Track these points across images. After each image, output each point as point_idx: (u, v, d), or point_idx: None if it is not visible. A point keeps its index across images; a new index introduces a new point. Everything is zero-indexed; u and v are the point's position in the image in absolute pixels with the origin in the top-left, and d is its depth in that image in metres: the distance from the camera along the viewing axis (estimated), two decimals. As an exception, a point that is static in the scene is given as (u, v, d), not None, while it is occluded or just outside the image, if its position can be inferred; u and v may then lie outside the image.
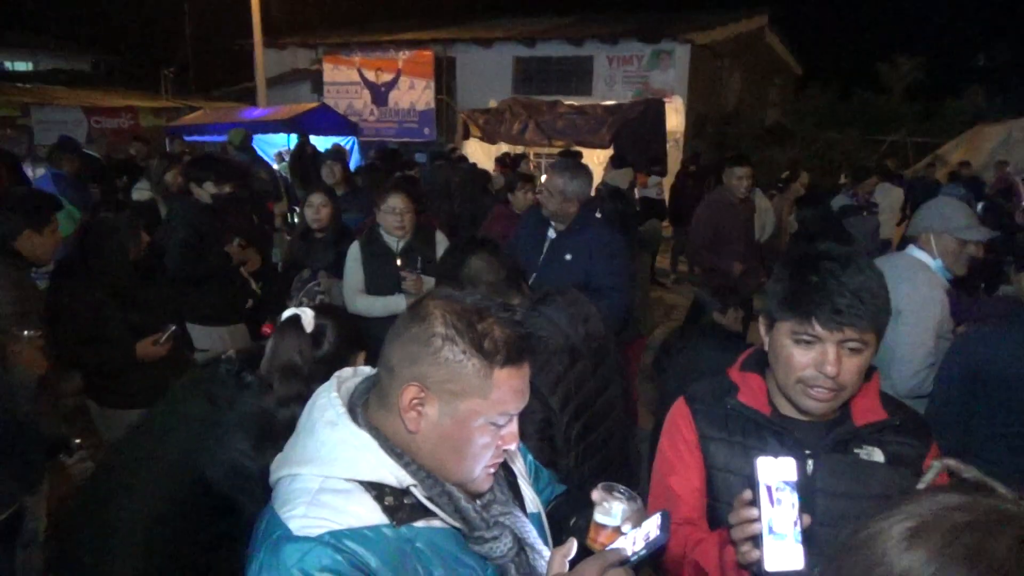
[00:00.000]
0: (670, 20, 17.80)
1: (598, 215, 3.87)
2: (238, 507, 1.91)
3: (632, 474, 2.39)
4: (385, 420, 1.17)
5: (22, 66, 25.64)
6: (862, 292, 1.37)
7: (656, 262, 9.68)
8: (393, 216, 3.80)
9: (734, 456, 1.54)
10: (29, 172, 8.92)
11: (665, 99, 15.05)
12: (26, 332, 2.45)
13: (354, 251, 3.89)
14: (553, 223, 3.75)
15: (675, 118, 15.51)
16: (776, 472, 1.22)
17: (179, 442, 2.12)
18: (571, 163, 3.95)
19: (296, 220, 6.49)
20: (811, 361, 1.41)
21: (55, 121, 15.03)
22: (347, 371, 1.31)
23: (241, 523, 1.92)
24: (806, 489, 1.36)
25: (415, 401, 1.13)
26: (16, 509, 2.44)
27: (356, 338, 2.01)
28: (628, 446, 2.38)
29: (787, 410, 1.53)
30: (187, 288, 4.12)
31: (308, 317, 1.89)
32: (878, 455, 1.48)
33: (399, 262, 3.82)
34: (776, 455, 1.24)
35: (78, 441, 2.71)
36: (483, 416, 1.14)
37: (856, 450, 1.48)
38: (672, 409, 1.68)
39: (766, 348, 1.52)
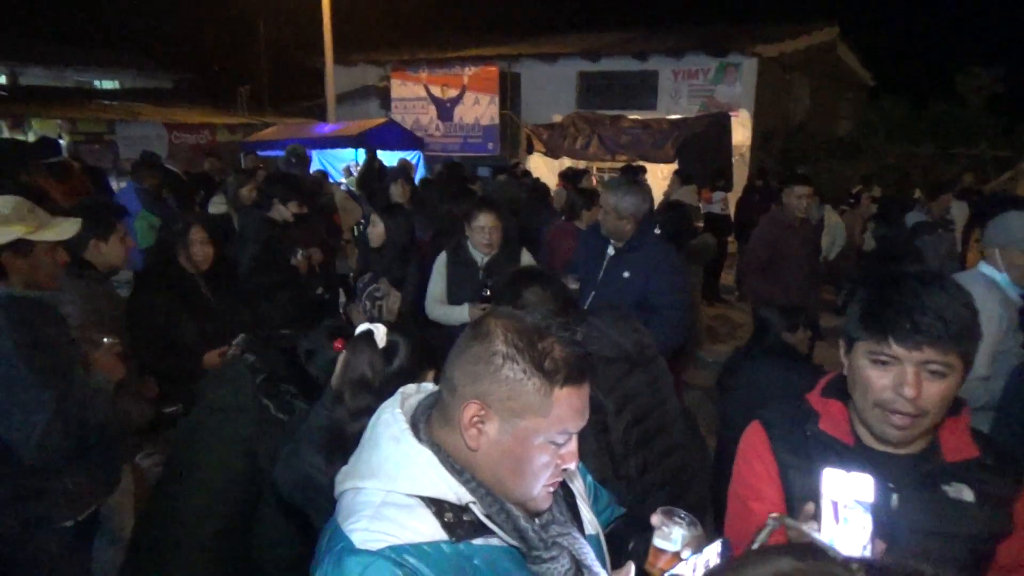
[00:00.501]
0: (736, 33, 17.54)
1: (657, 231, 3.86)
2: (307, 517, 1.96)
3: (701, 492, 2.36)
4: (447, 437, 1.18)
5: (109, 84, 26.97)
6: (945, 311, 1.31)
7: (721, 279, 9.52)
8: (481, 233, 3.89)
9: (814, 485, 1.47)
10: (114, 185, 9.37)
11: (731, 113, 14.83)
12: (105, 339, 2.56)
13: (441, 262, 4.03)
14: (611, 240, 3.75)
15: (741, 132, 15.25)
16: (846, 488, 1.18)
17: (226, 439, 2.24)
18: (624, 180, 3.97)
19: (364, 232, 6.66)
20: (889, 383, 1.35)
21: (138, 137, 15.76)
22: (411, 387, 1.33)
23: (313, 533, 1.98)
24: (890, 525, 1.32)
25: (476, 419, 1.14)
26: (93, 510, 2.55)
27: (427, 355, 2.04)
28: (692, 461, 2.34)
29: (871, 441, 1.46)
30: (259, 299, 4.27)
31: (381, 333, 1.93)
32: (967, 493, 1.40)
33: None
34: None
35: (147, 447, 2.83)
36: (543, 434, 1.14)
37: (944, 487, 1.41)
38: (747, 432, 1.64)
39: (846, 372, 1.46)
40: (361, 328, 1.93)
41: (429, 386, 1.35)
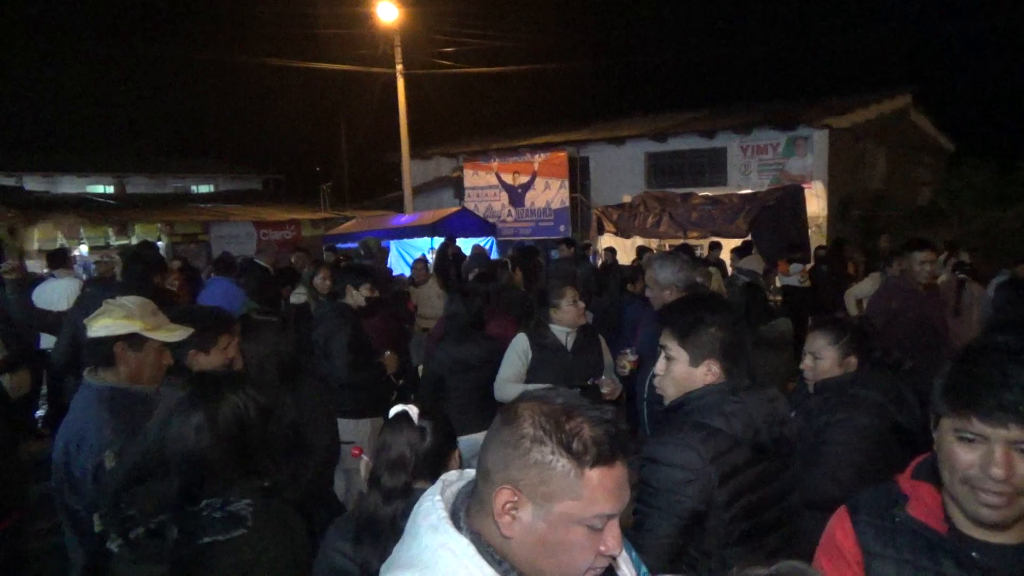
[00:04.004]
0: (804, 106, 17.53)
1: None
2: None
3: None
4: (484, 525, 1.16)
5: (204, 189, 28.96)
6: None
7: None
8: (573, 308, 3.99)
9: None
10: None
11: (804, 185, 14.67)
12: None
13: (521, 344, 4.06)
14: None
15: (816, 203, 15.03)
16: None
17: None
18: (662, 253, 4.02)
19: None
20: (976, 460, 1.26)
21: (230, 235, 16.74)
22: (453, 474, 1.31)
23: None
24: None
25: (508, 505, 1.12)
26: None
27: (452, 435, 2.12)
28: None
29: (966, 527, 1.35)
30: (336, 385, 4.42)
31: (415, 413, 2.02)
32: None
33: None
34: None
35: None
36: (578, 518, 1.11)
37: None
38: (832, 521, 1.55)
39: (935, 449, 1.37)
40: (396, 409, 2.00)
41: (471, 473, 1.31)
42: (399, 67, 18.76)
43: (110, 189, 26.32)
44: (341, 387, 4.41)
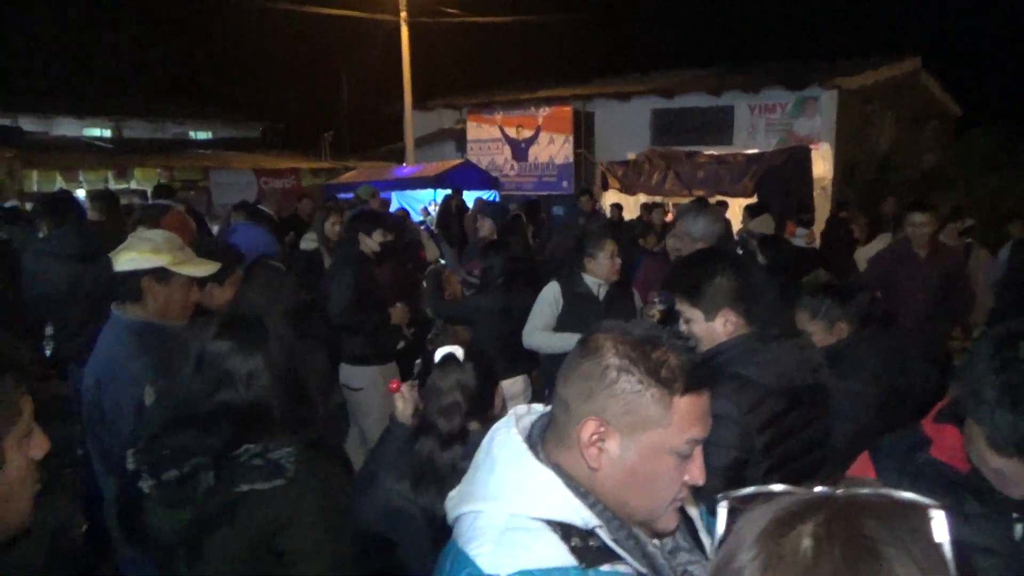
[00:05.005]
0: (815, 67, 17.29)
1: (762, 261, 3.85)
2: (391, 545, 2.01)
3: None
4: (565, 458, 1.14)
5: (203, 135, 28.61)
6: None
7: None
8: (610, 261, 3.97)
9: None
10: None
11: (811, 146, 14.56)
12: None
13: (552, 292, 4.05)
14: None
15: (822, 165, 14.93)
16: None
17: None
18: (695, 205, 4.01)
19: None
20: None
21: (230, 183, 16.60)
22: (522, 408, 1.29)
23: (394, 560, 2.02)
24: (1015, 558, 1.25)
25: (595, 437, 1.10)
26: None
27: (493, 373, 2.11)
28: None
29: None
30: (343, 331, 4.41)
31: (460, 352, 1.99)
32: None
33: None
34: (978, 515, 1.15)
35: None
36: (667, 447, 1.10)
37: None
38: (854, 467, 1.59)
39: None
40: (444, 351, 1.96)
41: (538, 407, 1.31)
42: (403, 15, 18.37)
43: (107, 133, 25.98)
44: (342, 331, 4.40)
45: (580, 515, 1.08)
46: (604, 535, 1.07)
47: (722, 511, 1.02)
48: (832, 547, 0.63)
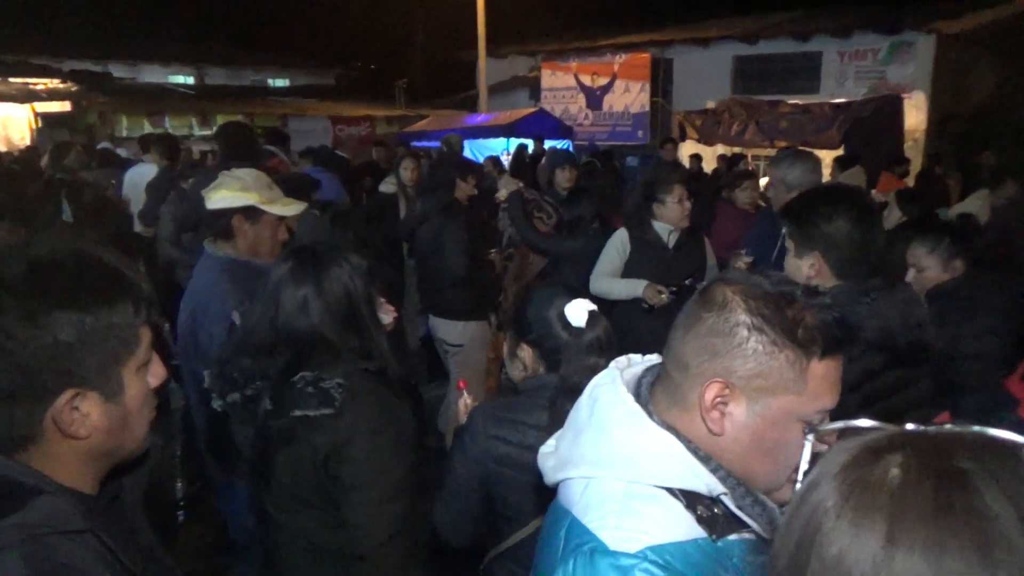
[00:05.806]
0: (911, 9, 16.22)
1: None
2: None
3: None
4: (682, 420, 1.05)
5: (281, 83, 29.07)
6: None
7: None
8: (679, 206, 3.84)
9: None
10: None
11: (904, 95, 13.78)
12: None
13: (620, 238, 3.97)
14: None
15: (915, 116, 14.14)
16: None
17: None
18: (791, 151, 3.79)
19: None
20: None
21: (307, 130, 16.89)
22: (623, 360, 1.20)
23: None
24: None
25: (719, 399, 1.01)
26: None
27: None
28: None
29: None
30: (440, 284, 4.38)
31: (592, 307, 1.83)
32: None
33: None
34: None
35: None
36: (799, 414, 1.01)
37: None
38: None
39: None
40: (581, 307, 1.79)
41: (637, 358, 1.21)
42: (478, -41, 18.07)
43: (190, 80, 26.68)
44: (452, 286, 4.30)
45: (705, 482, 1.00)
46: (729, 502, 1.00)
47: (807, 445, 1.00)
48: (922, 477, 0.62)
